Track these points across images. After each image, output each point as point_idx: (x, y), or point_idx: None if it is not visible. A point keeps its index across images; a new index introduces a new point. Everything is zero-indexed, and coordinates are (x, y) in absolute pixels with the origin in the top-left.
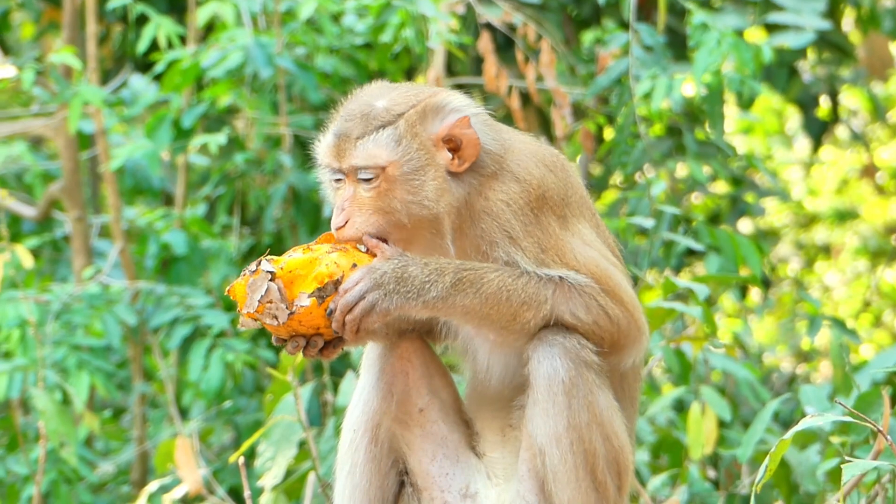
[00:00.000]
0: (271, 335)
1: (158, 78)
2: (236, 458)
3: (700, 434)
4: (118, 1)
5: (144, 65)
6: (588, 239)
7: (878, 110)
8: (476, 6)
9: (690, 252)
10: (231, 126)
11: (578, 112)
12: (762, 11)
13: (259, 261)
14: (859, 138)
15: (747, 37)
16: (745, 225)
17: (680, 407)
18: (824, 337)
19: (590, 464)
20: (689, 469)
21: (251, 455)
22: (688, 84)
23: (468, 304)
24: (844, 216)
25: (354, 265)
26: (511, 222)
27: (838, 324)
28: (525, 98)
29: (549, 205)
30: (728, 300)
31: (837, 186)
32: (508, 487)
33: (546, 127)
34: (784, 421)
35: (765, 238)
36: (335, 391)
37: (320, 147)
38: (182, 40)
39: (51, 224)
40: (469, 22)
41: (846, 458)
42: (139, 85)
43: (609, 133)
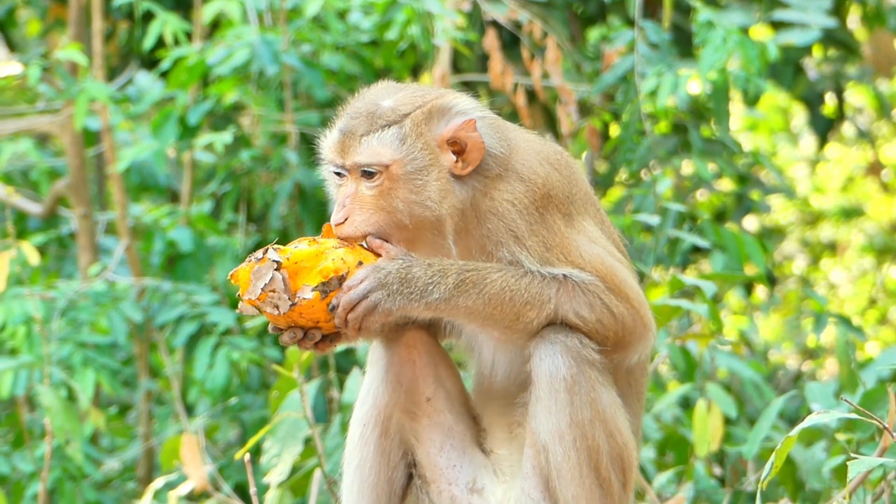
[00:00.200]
0: (269, 323)
1: (164, 75)
2: (242, 455)
3: (706, 431)
4: None
5: (150, 62)
6: (593, 236)
7: (884, 107)
8: (482, 3)
9: (696, 249)
10: (237, 123)
11: (584, 109)
12: (768, 9)
13: (266, 249)
14: (865, 135)
15: (753, 34)
16: (751, 222)
17: (686, 404)
18: (830, 334)
19: (593, 460)
20: (695, 466)
21: (257, 452)
22: (693, 81)
23: (471, 305)
24: (850, 213)
25: (360, 263)
26: (516, 222)
27: (844, 321)
28: (531, 95)
29: (555, 203)
30: (734, 297)
31: (843, 184)
32: (514, 484)
33: (552, 124)
34: (790, 418)
35: (770, 235)
36: (341, 388)
37: (324, 143)
38: (188, 37)
39: (57, 221)
40: (475, 19)
41: (852, 456)
42: (145, 82)
43: (615, 130)
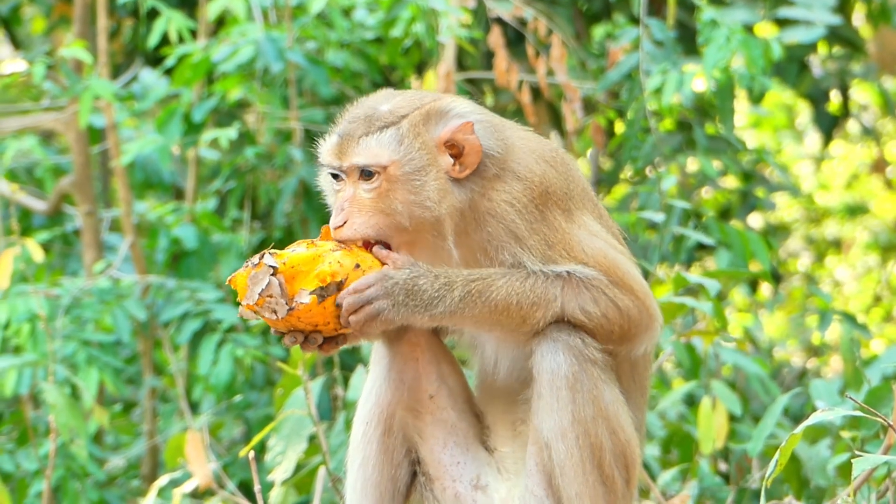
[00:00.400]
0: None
1: (169, 72)
2: (246, 453)
3: (710, 429)
4: None
5: (155, 59)
6: (594, 230)
7: (889, 105)
8: (487, 1)
9: (701, 246)
10: (242, 120)
11: (589, 106)
12: (772, 6)
13: (262, 254)
14: (870, 133)
15: (757, 31)
16: (756, 219)
17: (690, 401)
18: (835, 332)
19: (596, 458)
20: (700, 463)
21: (261, 449)
22: (698, 79)
23: (477, 315)
24: (855, 211)
25: (357, 266)
26: (516, 222)
27: (849, 318)
28: (536, 92)
29: (553, 200)
30: (738, 295)
31: (848, 181)
32: (518, 482)
33: (556, 121)
34: (794, 415)
35: (775, 233)
36: (346, 385)
37: (323, 148)
38: (193, 34)
39: (61, 218)
40: (480, 16)
41: (856, 453)
42: (150, 79)
43: (619, 127)
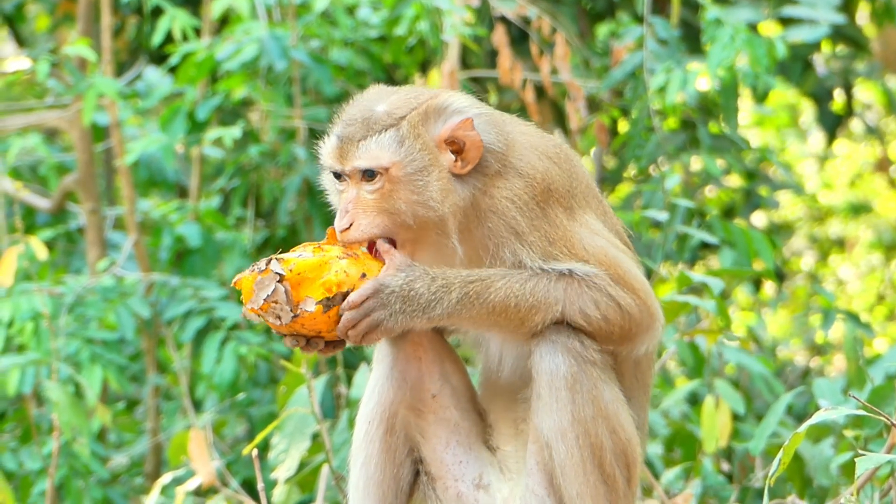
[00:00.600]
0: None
1: (173, 70)
2: (250, 451)
3: (714, 427)
4: None
5: (159, 57)
6: (596, 228)
7: (893, 104)
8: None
9: (704, 245)
10: (245, 119)
11: (593, 105)
12: (776, 5)
13: (269, 259)
14: (873, 132)
15: (761, 31)
16: (759, 218)
17: (694, 400)
18: (838, 330)
19: (597, 457)
20: (703, 462)
21: (265, 447)
22: (702, 78)
23: (474, 316)
24: (858, 210)
25: (364, 275)
26: (517, 219)
27: (852, 317)
28: (539, 91)
29: (555, 197)
30: (742, 294)
31: (851, 180)
32: (520, 481)
33: (560, 120)
34: (798, 414)
35: (779, 232)
36: (349, 383)
37: (323, 150)
38: (197, 33)
39: (65, 216)
40: (484, 15)
41: (860, 452)
42: (154, 77)
43: (623, 126)
